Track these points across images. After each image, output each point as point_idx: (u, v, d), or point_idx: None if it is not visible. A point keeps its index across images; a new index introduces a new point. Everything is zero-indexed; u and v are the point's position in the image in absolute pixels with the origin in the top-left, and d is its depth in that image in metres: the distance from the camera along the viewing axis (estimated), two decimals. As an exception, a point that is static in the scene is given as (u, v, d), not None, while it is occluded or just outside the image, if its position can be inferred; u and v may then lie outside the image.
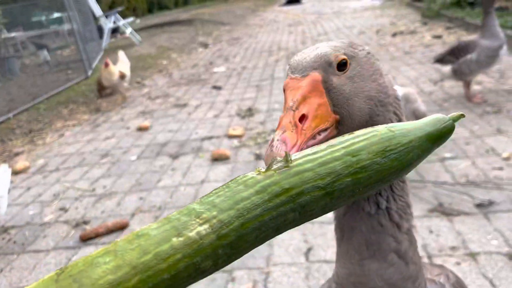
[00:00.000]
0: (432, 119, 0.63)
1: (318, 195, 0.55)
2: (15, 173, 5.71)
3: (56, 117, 8.30)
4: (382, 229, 0.91)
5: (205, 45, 15.49)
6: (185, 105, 8.01)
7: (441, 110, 5.69)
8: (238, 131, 5.96)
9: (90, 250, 3.68)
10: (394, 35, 11.84)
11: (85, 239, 3.84)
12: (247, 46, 14.30)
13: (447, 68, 5.83)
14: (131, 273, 0.46)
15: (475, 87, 6.23)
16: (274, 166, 0.56)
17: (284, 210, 0.53)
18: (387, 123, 0.87)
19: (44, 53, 12.14)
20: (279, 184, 0.54)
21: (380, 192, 0.92)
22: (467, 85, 5.85)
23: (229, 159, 5.19)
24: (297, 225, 0.57)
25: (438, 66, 5.99)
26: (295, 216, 0.55)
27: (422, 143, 0.61)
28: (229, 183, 0.55)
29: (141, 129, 6.80)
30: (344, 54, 0.85)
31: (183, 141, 6.09)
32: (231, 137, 5.91)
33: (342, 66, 0.84)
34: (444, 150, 4.52)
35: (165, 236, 0.48)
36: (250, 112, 6.97)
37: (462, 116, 0.65)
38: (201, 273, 0.50)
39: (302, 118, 0.77)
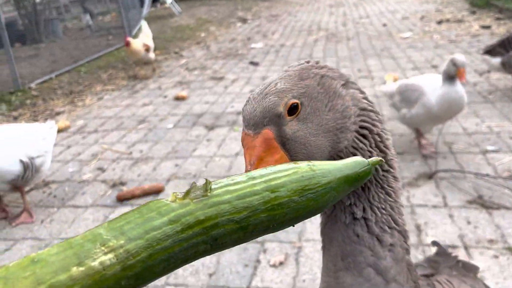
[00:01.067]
0: (352, 162, 0.64)
1: (232, 229, 0.53)
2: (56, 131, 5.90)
3: (96, 80, 8.48)
4: (358, 240, 0.87)
5: (244, 20, 15.37)
6: (221, 78, 8.02)
7: (486, 102, 5.50)
8: (274, 108, 5.94)
9: (126, 210, 3.78)
10: (439, 22, 11.42)
11: (122, 200, 3.96)
12: (286, 23, 14.11)
13: (496, 60, 5.61)
14: None
15: (524, 81, 5.98)
16: (192, 194, 0.53)
17: (196, 242, 0.51)
18: (350, 143, 0.87)
19: (87, 17, 12.34)
20: (193, 214, 0.51)
21: (355, 202, 0.89)
22: (517, 78, 5.61)
23: (264, 134, 5.19)
24: (207, 255, 0.55)
25: (487, 57, 5.75)
26: (206, 248, 0.53)
27: (340, 185, 0.61)
28: (142, 208, 0.52)
29: (178, 98, 6.88)
30: (293, 97, 0.80)
31: (219, 113, 6.12)
32: (267, 113, 5.90)
33: (293, 110, 0.80)
34: (487, 143, 4.39)
35: (64, 264, 0.44)
36: (287, 90, 6.92)
37: (381, 161, 0.67)
38: None
39: None
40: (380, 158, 0.67)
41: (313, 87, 0.83)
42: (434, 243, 1.70)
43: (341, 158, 0.86)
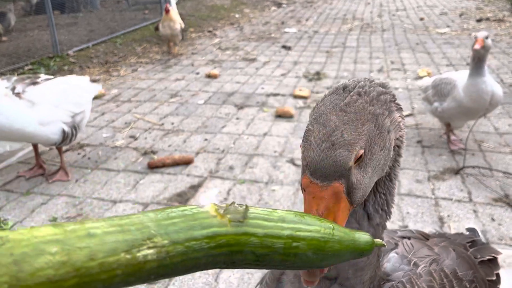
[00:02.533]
0: (363, 238, 0.71)
1: (250, 259, 0.60)
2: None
3: (130, 53, 8.65)
4: (352, 212, 0.92)
5: (279, 4, 15.28)
6: (253, 60, 8.07)
7: (521, 104, 5.41)
8: (304, 92, 5.98)
9: (156, 178, 3.94)
10: (479, 20, 11.14)
11: (152, 167, 4.11)
12: (321, 11, 13.98)
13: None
14: (72, 274, 0.45)
15: (563, 86, 5.84)
16: (231, 215, 0.59)
17: (219, 260, 0.58)
18: (390, 163, 0.92)
19: (125, -10, 12.50)
20: (227, 236, 0.57)
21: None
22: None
23: (293, 117, 5.26)
24: (208, 269, 0.61)
25: (526, 57, 5.64)
26: (221, 266, 0.60)
27: (346, 253, 0.68)
28: (186, 211, 0.58)
29: (210, 76, 6.97)
30: (360, 148, 0.80)
31: (249, 93, 6.20)
32: (296, 97, 5.95)
33: (359, 159, 0.81)
34: (518, 144, 4.35)
35: (115, 247, 0.49)
36: (318, 76, 6.93)
37: (383, 245, 0.75)
38: (125, 286, 0.51)
39: None
40: (383, 243, 0.75)
41: (372, 131, 0.83)
42: (469, 229, 1.73)
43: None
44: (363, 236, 0.72)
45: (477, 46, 3.72)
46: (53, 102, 3.65)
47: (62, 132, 3.69)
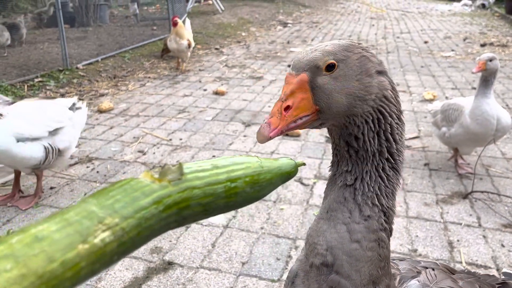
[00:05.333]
0: (286, 163, 0.82)
1: (198, 210, 0.64)
2: (100, 111, 6.15)
3: (139, 67, 8.74)
4: (344, 202, 1.05)
5: (285, 24, 15.49)
6: (260, 78, 8.15)
7: (527, 129, 5.44)
8: (311, 112, 6.02)
9: (164, 193, 3.94)
10: (483, 45, 11.27)
11: (161, 183, 4.11)
12: (326, 31, 14.15)
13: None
14: (37, 283, 0.43)
15: None
16: (169, 176, 0.61)
17: (171, 220, 0.60)
18: (364, 115, 1.03)
19: (135, 6, 12.69)
20: (172, 196, 0.60)
21: (351, 170, 1.06)
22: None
23: (299, 136, 5.29)
24: (167, 231, 0.64)
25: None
26: (175, 225, 0.62)
27: (277, 180, 0.78)
28: (125, 186, 0.58)
29: (218, 93, 7.04)
30: (334, 59, 1.01)
31: (256, 111, 6.24)
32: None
33: (330, 68, 1.00)
34: (525, 170, 4.36)
35: (70, 242, 0.48)
36: (324, 96, 6.99)
37: (304, 164, 0.90)
38: (92, 275, 0.51)
39: (288, 108, 0.98)
40: (303, 162, 0.89)
41: (352, 60, 1.02)
42: (505, 273, 1.70)
43: (355, 122, 1.03)
44: (286, 161, 0.82)
45: (474, 70, 3.82)
46: (31, 118, 3.45)
47: (44, 149, 3.47)
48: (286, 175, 0.81)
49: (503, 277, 1.65)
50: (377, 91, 1.03)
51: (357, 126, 1.03)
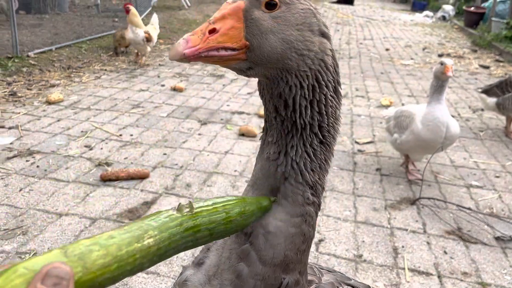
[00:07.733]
0: (264, 199, 0.98)
1: (206, 234, 0.85)
2: (48, 102, 5.83)
3: (95, 59, 8.41)
4: (268, 174, 1.01)
5: (251, 24, 15.42)
6: (221, 76, 8.02)
7: (476, 138, 5.60)
8: (269, 113, 5.95)
9: (108, 191, 3.75)
10: (440, 55, 11.61)
11: (105, 180, 3.92)
12: (292, 34, 14.18)
13: (492, 100, 5.72)
14: (113, 261, 0.68)
15: (515, 124, 6.09)
16: (185, 210, 0.83)
17: (189, 239, 0.82)
18: (299, 72, 0.94)
19: (96, -4, 12.25)
20: (188, 223, 0.83)
21: (275, 141, 0.99)
22: (510, 120, 5.73)
23: (255, 137, 5.20)
24: (189, 249, 0.86)
25: (483, 96, 5.86)
26: (191, 244, 0.84)
27: (258, 211, 0.96)
28: (158, 214, 0.82)
29: (176, 89, 6.85)
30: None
31: (213, 110, 6.12)
32: (261, 116, 5.91)
33: (271, 6, 0.91)
34: (472, 178, 4.46)
35: (130, 241, 0.72)
36: (284, 97, 6.94)
37: (275, 201, 0.99)
38: (141, 269, 0.74)
39: (213, 31, 0.87)
40: (275, 198, 0.99)
41: (297, 9, 0.93)
42: None
43: (287, 80, 0.94)
44: (263, 199, 0.99)
45: (450, 74, 3.78)
46: None
47: None
48: (263, 208, 0.97)
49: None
50: (317, 51, 0.95)
51: (289, 87, 0.94)
